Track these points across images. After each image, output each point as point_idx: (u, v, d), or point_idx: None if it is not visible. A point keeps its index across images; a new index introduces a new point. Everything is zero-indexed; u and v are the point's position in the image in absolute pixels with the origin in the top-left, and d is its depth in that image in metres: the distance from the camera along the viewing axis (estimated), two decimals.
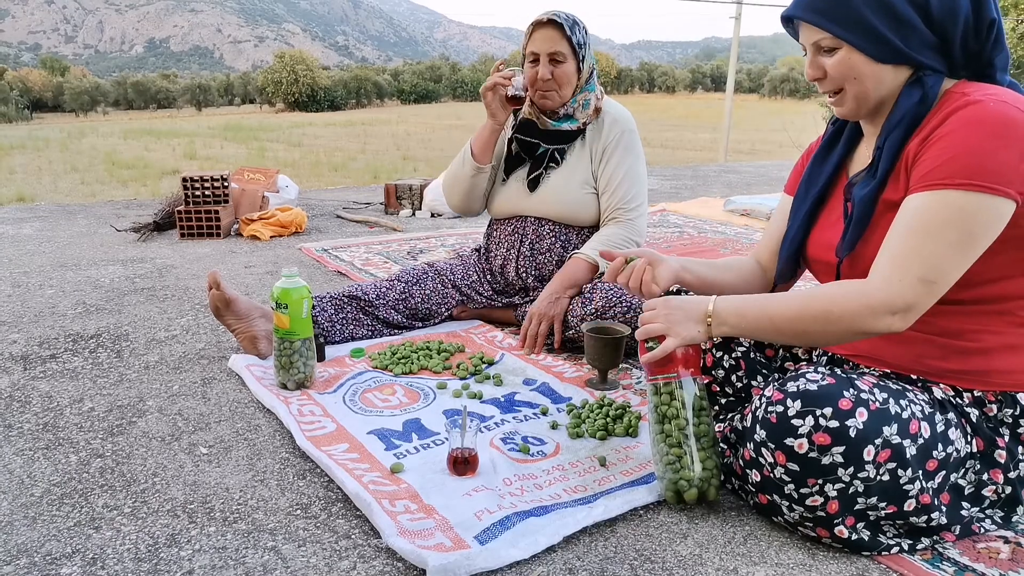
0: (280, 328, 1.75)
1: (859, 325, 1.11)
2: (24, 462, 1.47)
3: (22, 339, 2.18)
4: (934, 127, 1.12)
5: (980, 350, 1.17)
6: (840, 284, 1.16)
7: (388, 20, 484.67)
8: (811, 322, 1.14)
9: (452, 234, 3.75)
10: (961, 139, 1.08)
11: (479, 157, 2.16)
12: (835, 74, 1.19)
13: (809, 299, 1.15)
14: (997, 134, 1.06)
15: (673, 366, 1.26)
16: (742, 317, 1.21)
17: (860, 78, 1.17)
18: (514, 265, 2.21)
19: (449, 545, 1.16)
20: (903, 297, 1.09)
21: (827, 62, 1.19)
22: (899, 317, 1.10)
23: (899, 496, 1.12)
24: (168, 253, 3.30)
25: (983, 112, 1.08)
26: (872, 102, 1.20)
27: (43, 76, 69.37)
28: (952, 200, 1.07)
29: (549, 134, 2.13)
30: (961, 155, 1.07)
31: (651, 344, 1.27)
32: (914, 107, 1.16)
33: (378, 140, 17.74)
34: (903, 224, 1.11)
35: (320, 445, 1.50)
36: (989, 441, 1.19)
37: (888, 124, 1.18)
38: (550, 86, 2.06)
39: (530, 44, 2.07)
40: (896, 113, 1.17)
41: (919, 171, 1.11)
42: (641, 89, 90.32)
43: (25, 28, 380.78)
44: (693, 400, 1.26)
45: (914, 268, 1.08)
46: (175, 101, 67.92)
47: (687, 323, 1.23)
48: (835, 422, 1.08)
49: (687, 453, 1.26)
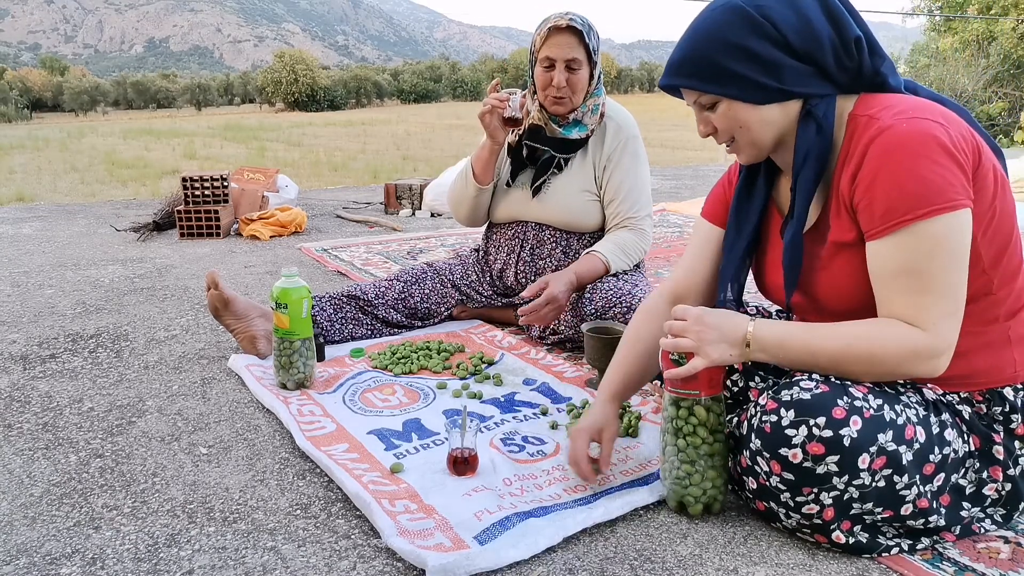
0: (280, 328, 1.75)
1: (903, 369, 1.11)
2: (24, 462, 1.47)
3: (22, 339, 2.18)
4: (858, 162, 1.11)
5: (960, 353, 1.15)
6: (883, 325, 1.12)
7: (388, 20, 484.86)
8: (854, 362, 1.13)
9: (452, 234, 3.75)
10: (896, 171, 1.07)
11: (480, 178, 2.14)
12: (722, 127, 1.20)
13: (853, 339, 1.13)
14: (924, 153, 1.06)
15: (696, 384, 1.21)
16: (782, 348, 1.16)
17: (746, 126, 1.18)
18: (513, 270, 2.21)
19: (449, 545, 1.16)
20: (943, 338, 1.09)
21: (712, 116, 1.19)
22: (944, 359, 1.10)
23: (895, 501, 1.12)
24: (168, 253, 3.30)
25: (899, 136, 1.07)
26: (768, 143, 1.20)
27: (43, 76, 69.40)
28: (924, 232, 1.06)
29: (558, 142, 2.10)
30: (906, 185, 1.06)
31: (676, 357, 1.21)
32: (814, 141, 1.15)
33: (378, 140, 17.72)
34: (891, 271, 1.10)
35: (320, 445, 1.49)
36: (985, 438, 1.18)
37: (795, 166, 1.18)
38: (564, 93, 2.02)
39: (545, 48, 2.01)
40: (799, 153, 1.17)
41: (872, 213, 1.10)
42: (641, 89, 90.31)
43: (25, 28, 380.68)
44: (710, 418, 1.23)
45: (935, 308, 1.08)
46: (175, 101, 67.92)
47: (720, 344, 1.17)
48: (829, 431, 1.08)
49: (698, 471, 1.25)
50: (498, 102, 2.00)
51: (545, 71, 2.02)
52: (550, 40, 1.99)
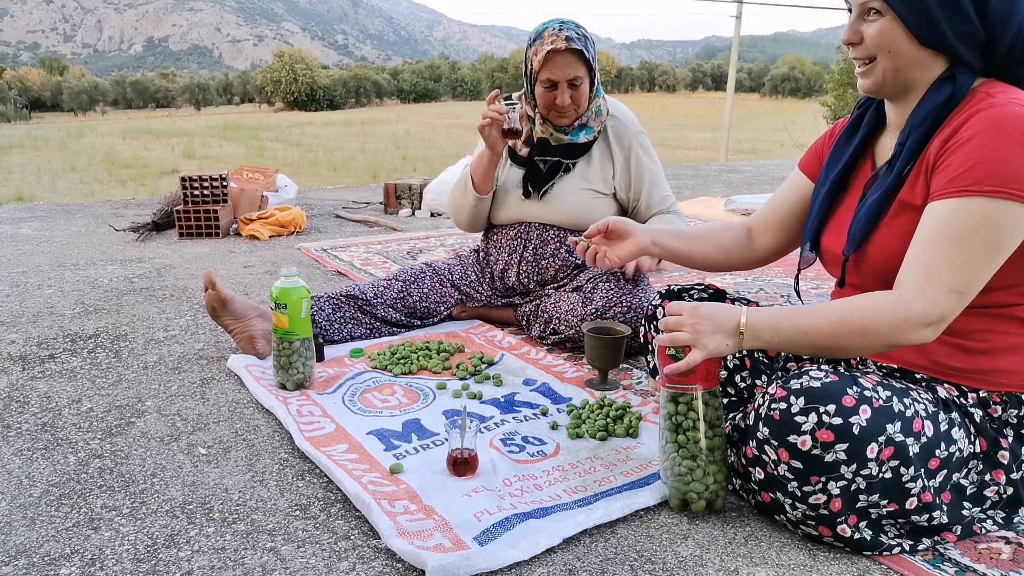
0: (279, 328, 1.75)
1: (895, 338, 1.11)
2: (23, 462, 1.47)
3: (20, 339, 2.18)
4: (955, 128, 1.11)
5: (986, 350, 1.17)
6: (873, 297, 1.14)
7: (387, 19, 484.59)
8: (848, 336, 1.13)
9: (452, 234, 3.75)
10: (984, 143, 1.06)
11: (480, 187, 2.14)
12: (872, 43, 1.15)
13: (844, 313, 1.13)
14: (1016, 138, 1.05)
15: (694, 379, 1.21)
16: (776, 332, 1.17)
17: (895, 53, 1.14)
18: (515, 270, 2.20)
19: (448, 546, 1.16)
20: (937, 309, 1.08)
21: (867, 28, 1.15)
22: (932, 328, 1.10)
23: (901, 494, 1.12)
24: (167, 253, 3.30)
25: (1005, 116, 1.06)
26: (900, 82, 1.17)
27: (42, 75, 69.35)
28: (979, 207, 1.06)
29: (564, 148, 2.10)
30: (986, 160, 1.05)
31: (673, 352, 1.22)
32: (941, 106, 1.13)
33: (377, 139, 17.72)
34: (930, 232, 1.09)
35: (319, 446, 1.49)
36: (992, 442, 1.18)
37: (912, 120, 1.16)
38: (569, 109, 2.04)
39: (545, 70, 1.98)
40: (922, 110, 1.15)
41: (943, 176, 1.10)
42: (641, 88, 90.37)
43: (24, 27, 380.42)
44: (708, 412, 1.23)
45: (946, 279, 1.07)
46: (174, 100, 67.88)
47: (716, 335, 1.18)
48: (838, 419, 1.08)
49: (699, 466, 1.24)
50: (498, 115, 1.99)
51: (547, 91, 2.02)
52: (551, 62, 1.98)
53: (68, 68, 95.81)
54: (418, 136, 18.49)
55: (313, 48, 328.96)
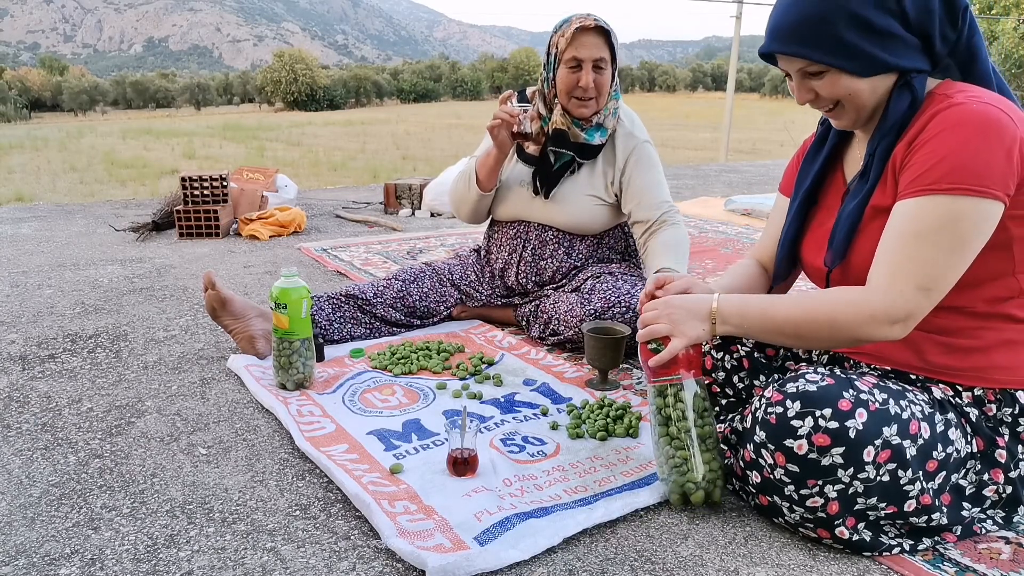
0: (279, 328, 1.75)
1: (860, 333, 1.12)
2: (23, 462, 1.47)
3: (20, 339, 2.18)
4: (918, 131, 1.12)
5: (979, 347, 1.17)
6: (842, 291, 1.16)
7: (387, 19, 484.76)
8: (816, 329, 1.14)
9: (452, 234, 3.75)
10: (946, 142, 1.08)
11: (484, 184, 2.14)
12: (827, 94, 1.18)
13: (812, 305, 1.15)
14: (980, 135, 1.06)
15: (676, 368, 1.24)
16: (743, 317, 1.20)
17: (854, 94, 1.17)
18: (515, 269, 2.20)
19: (449, 546, 1.16)
20: (903, 307, 1.09)
21: (816, 84, 1.18)
22: (899, 326, 1.10)
23: (899, 497, 1.12)
24: (167, 253, 3.30)
25: (965, 113, 1.08)
26: (870, 111, 1.20)
27: (42, 75, 69.30)
28: (942, 205, 1.07)
29: (579, 146, 2.09)
30: (948, 158, 1.07)
31: (654, 346, 1.25)
32: (905, 112, 1.15)
33: (377, 139, 17.73)
34: (896, 231, 1.11)
35: (319, 446, 1.49)
36: (989, 441, 1.18)
37: (881, 130, 1.18)
38: (591, 94, 2.01)
39: (571, 49, 1.97)
40: (888, 119, 1.17)
41: (907, 176, 1.11)
42: (642, 88, 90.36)
43: (24, 27, 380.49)
44: (695, 401, 1.25)
45: (912, 277, 1.09)
46: (174, 100, 67.86)
47: (691, 322, 1.22)
48: (835, 423, 1.08)
49: (692, 456, 1.25)
50: (509, 117, 1.99)
51: (571, 71, 2.00)
52: (577, 40, 1.97)
53: (68, 68, 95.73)
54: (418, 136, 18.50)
55: (313, 48, 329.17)
